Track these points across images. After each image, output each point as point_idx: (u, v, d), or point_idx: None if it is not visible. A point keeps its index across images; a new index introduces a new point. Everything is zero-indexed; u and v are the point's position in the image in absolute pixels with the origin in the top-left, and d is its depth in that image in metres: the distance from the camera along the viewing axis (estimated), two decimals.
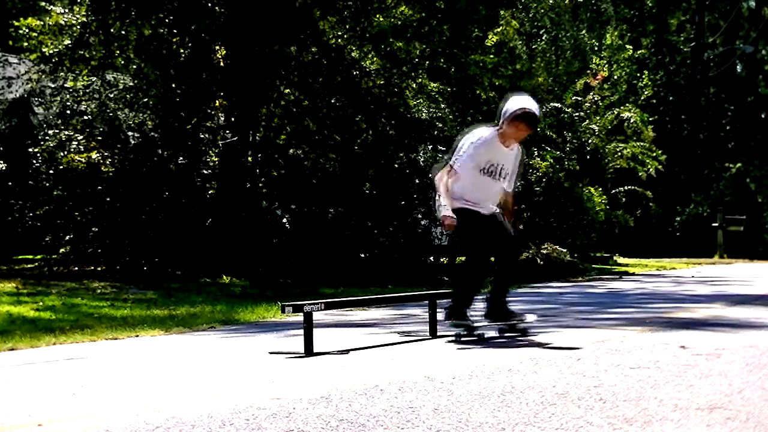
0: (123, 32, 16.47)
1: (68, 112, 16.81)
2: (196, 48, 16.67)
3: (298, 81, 16.92)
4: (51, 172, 16.10)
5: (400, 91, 17.41)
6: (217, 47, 17.10)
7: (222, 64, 17.12)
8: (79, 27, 16.32)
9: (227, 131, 16.95)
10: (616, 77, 24.29)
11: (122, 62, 17.14)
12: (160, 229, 15.88)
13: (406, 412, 3.83)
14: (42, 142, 16.53)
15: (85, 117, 16.54)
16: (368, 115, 17.12)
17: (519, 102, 6.88)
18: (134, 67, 17.04)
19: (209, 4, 16.53)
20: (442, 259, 18.86)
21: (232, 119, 16.97)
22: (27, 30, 16.64)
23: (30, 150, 16.73)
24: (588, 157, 22.23)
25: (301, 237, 16.14)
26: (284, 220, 16.92)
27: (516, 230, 7.32)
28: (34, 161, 16.44)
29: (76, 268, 15.65)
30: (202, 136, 17.20)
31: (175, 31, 16.67)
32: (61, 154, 16.02)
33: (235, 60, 16.64)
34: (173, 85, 16.50)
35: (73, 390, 4.64)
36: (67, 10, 16.73)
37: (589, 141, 22.14)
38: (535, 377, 4.75)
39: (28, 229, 16.93)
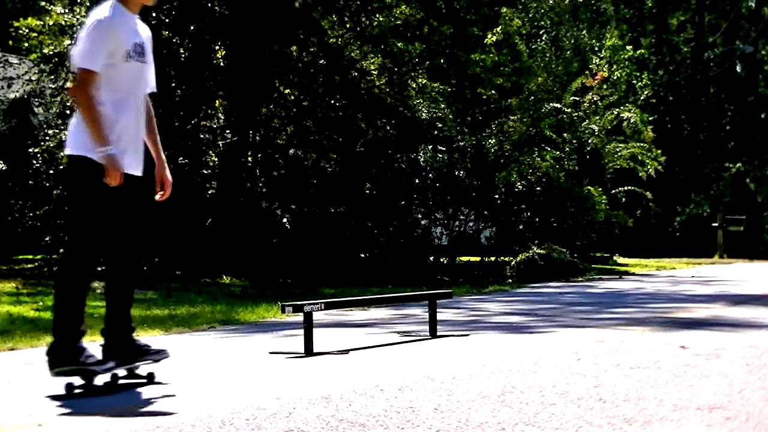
0: None
1: (68, 112, 16.80)
2: (196, 48, 16.67)
3: (298, 81, 16.91)
4: (51, 172, 16.10)
5: (401, 91, 17.41)
6: (217, 47, 17.10)
7: (222, 64, 17.11)
8: (79, 27, 16.30)
9: (227, 131, 16.95)
10: (615, 77, 24.28)
11: None
12: (160, 228, 15.88)
13: (406, 412, 3.83)
14: (42, 142, 16.53)
15: None
16: (368, 115, 17.12)
17: None
18: None
19: (209, 4, 16.52)
20: (442, 259, 18.86)
21: (232, 119, 16.97)
22: (27, 30, 16.64)
23: (30, 150, 16.73)
24: (588, 157, 22.22)
25: (301, 237, 16.14)
26: (284, 220, 16.92)
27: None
28: (34, 161, 16.44)
29: None
30: (202, 136, 17.19)
31: (175, 31, 16.66)
32: (61, 154, 16.00)
33: (235, 60, 16.64)
34: (173, 85, 16.50)
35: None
36: (67, 10, 16.73)
37: (589, 141, 22.14)
38: (535, 377, 4.75)
39: (28, 229, 16.92)
